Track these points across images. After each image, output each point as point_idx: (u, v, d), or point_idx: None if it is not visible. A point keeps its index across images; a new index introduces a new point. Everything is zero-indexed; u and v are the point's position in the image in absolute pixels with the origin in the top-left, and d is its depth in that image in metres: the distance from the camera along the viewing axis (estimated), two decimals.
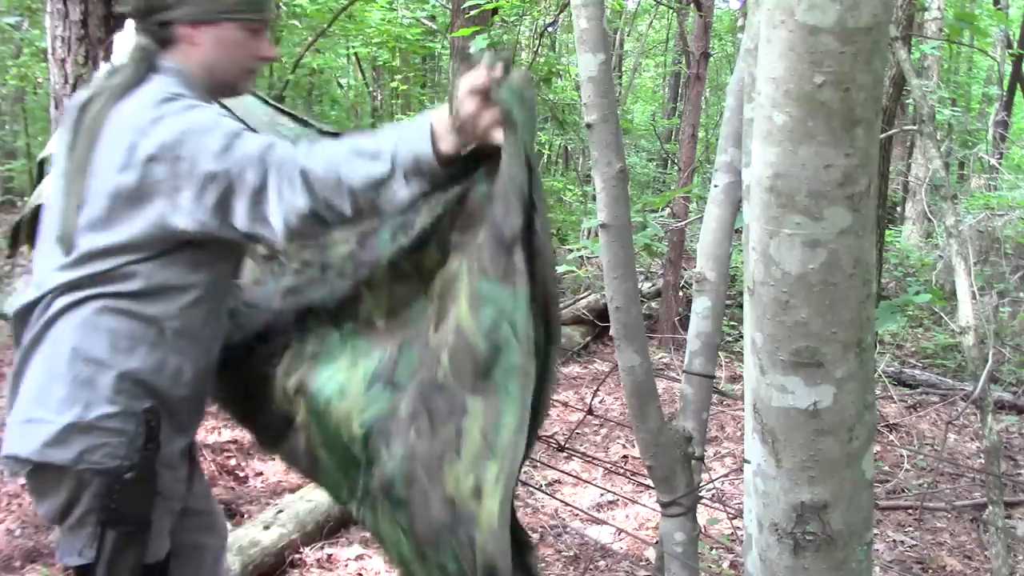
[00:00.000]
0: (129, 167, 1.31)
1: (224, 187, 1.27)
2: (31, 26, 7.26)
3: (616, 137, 1.02)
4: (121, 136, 1.33)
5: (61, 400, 1.33)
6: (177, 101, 1.34)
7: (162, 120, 1.31)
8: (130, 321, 1.36)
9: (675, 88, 14.73)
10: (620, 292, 1.05)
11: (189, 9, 1.40)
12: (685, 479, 1.19)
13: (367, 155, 1.24)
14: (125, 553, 1.37)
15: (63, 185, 1.39)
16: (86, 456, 1.32)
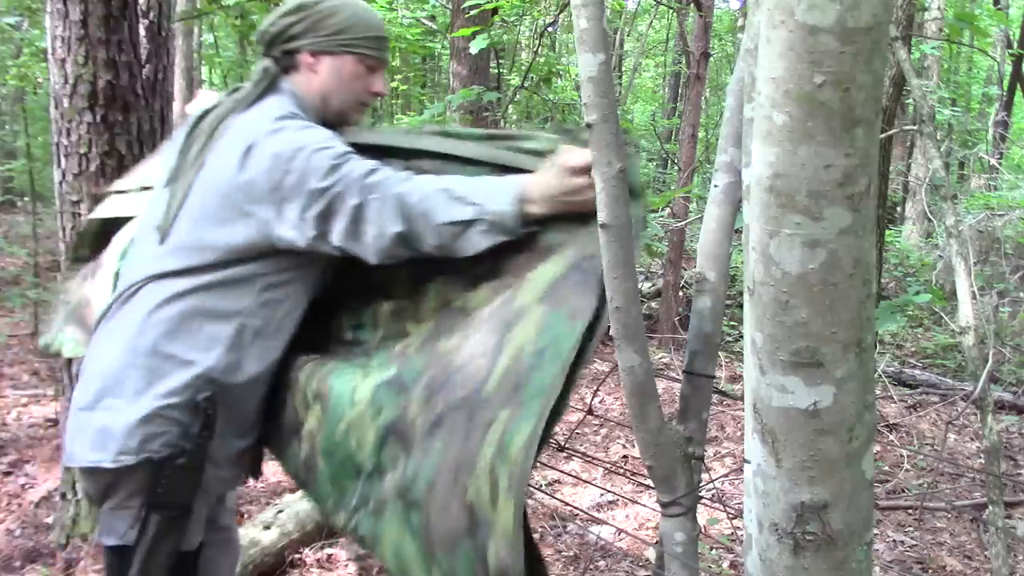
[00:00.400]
0: (242, 172, 1.40)
1: (327, 204, 1.36)
2: (31, 26, 7.25)
3: (616, 137, 1.02)
4: (238, 141, 1.43)
5: (135, 391, 1.39)
6: (295, 119, 1.45)
7: (279, 132, 1.41)
8: (214, 321, 1.43)
9: (675, 88, 14.72)
10: (620, 292, 1.05)
11: (313, 40, 1.53)
12: (685, 479, 1.19)
13: (458, 199, 1.33)
14: (166, 538, 1.41)
15: (171, 182, 1.50)
16: (146, 445, 1.37)
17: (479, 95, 4.32)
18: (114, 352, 1.44)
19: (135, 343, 1.42)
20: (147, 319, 1.43)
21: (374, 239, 1.36)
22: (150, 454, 1.38)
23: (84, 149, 2.67)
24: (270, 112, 1.47)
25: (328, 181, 1.36)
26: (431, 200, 1.34)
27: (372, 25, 1.57)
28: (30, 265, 7.01)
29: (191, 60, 8.49)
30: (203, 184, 1.45)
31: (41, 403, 4.30)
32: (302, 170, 1.37)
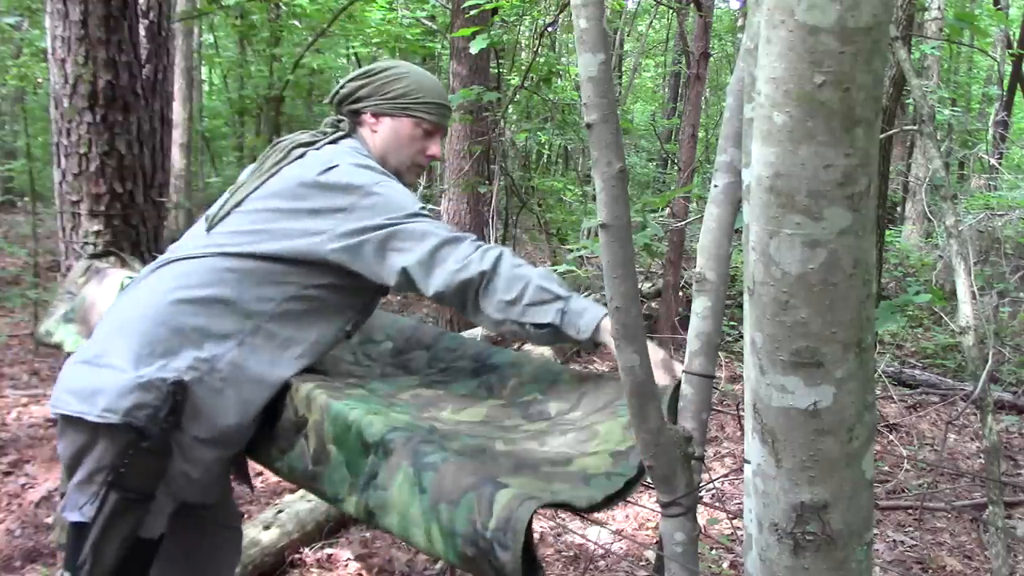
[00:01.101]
0: (320, 177, 1.53)
1: (397, 232, 1.49)
2: (31, 26, 7.26)
3: (616, 137, 1.02)
4: (321, 158, 1.57)
5: (138, 356, 1.44)
6: (377, 165, 1.63)
7: (363, 167, 1.56)
8: (234, 312, 1.49)
9: (675, 88, 14.72)
10: (620, 292, 1.05)
11: (376, 102, 1.69)
12: (685, 479, 1.19)
13: (551, 290, 1.45)
14: (123, 518, 1.43)
15: (233, 188, 1.62)
16: (133, 411, 1.40)
17: (479, 95, 4.32)
18: (132, 315, 1.49)
19: (155, 312, 1.48)
20: (173, 292, 1.50)
21: (448, 273, 1.45)
22: (133, 420, 1.40)
23: (84, 149, 2.67)
24: (352, 148, 1.64)
25: (407, 219, 1.50)
26: (530, 278, 1.46)
27: (433, 93, 1.72)
28: (30, 265, 7.01)
29: (191, 60, 8.50)
30: (273, 185, 1.56)
31: (41, 403, 4.30)
32: (381, 198, 1.51)
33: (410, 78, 1.71)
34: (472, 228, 6.31)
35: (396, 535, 1.28)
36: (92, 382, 1.43)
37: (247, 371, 1.49)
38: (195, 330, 1.47)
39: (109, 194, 2.69)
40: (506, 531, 1.09)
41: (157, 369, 1.43)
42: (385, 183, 1.56)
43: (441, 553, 1.19)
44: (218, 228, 1.57)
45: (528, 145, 10.49)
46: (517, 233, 10.01)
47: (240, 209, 1.58)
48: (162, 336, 1.46)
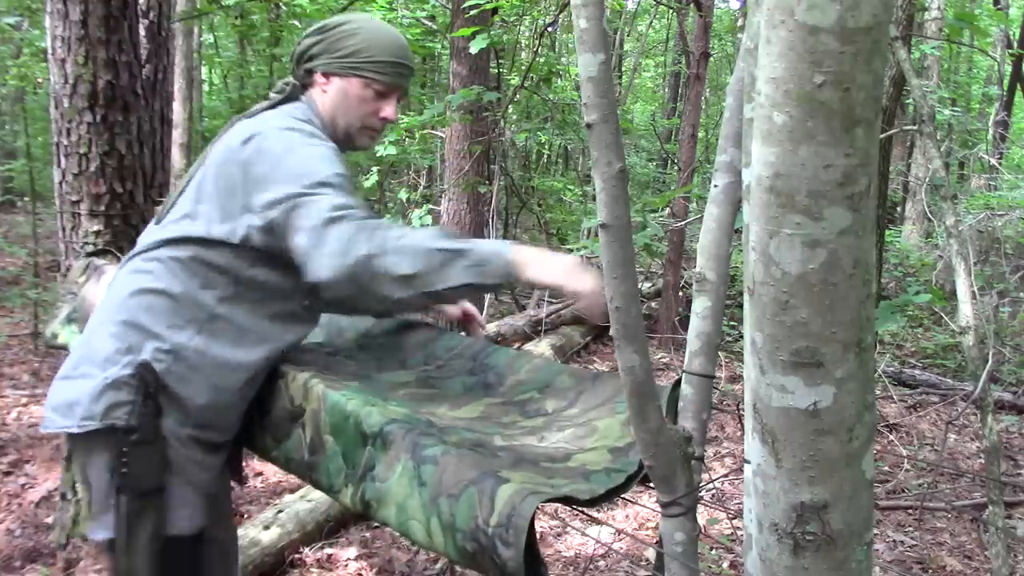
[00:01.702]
0: (239, 153, 1.45)
1: (295, 205, 1.37)
2: (31, 26, 7.25)
3: (616, 137, 1.02)
4: (244, 131, 1.48)
5: (105, 359, 1.43)
6: (308, 125, 1.52)
7: (287, 132, 1.46)
8: (185, 301, 1.47)
9: (675, 88, 14.73)
10: (620, 292, 1.05)
11: (326, 61, 1.58)
12: (685, 479, 1.19)
13: (447, 236, 1.37)
14: (141, 518, 1.41)
15: (187, 175, 1.57)
16: (110, 412, 1.40)
17: (479, 95, 4.32)
18: (97, 321, 1.49)
19: (114, 314, 1.47)
20: (128, 290, 1.48)
21: (336, 255, 1.32)
22: (114, 421, 1.39)
23: (84, 149, 2.67)
24: (286, 113, 1.54)
25: (310, 189, 1.37)
26: (417, 235, 1.36)
27: (387, 50, 1.58)
28: (30, 265, 7.01)
29: (191, 60, 8.49)
30: (207, 164, 1.51)
31: (41, 403, 4.30)
32: (289, 169, 1.40)
33: (362, 34, 1.57)
34: (472, 228, 6.31)
35: (393, 528, 1.27)
36: (69, 395, 1.43)
37: (211, 357, 1.48)
38: (153, 323, 1.46)
39: (109, 194, 2.69)
40: (508, 527, 1.09)
41: (122, 367, 1.42)
42: (304, 146, 1.44)
43: (440, 548, 1.18)
44: (167, 217, 1.53)
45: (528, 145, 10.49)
46: (517, 233, 10.02)
47: (184, 195, 1.53)
48: (123, 335, 1.45)
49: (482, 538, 1.11)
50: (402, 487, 1.26)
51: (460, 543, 1.15)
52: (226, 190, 1.46)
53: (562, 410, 1.51)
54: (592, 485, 1.23)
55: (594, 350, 6.29)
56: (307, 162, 1.41)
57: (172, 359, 1.45)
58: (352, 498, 1.36)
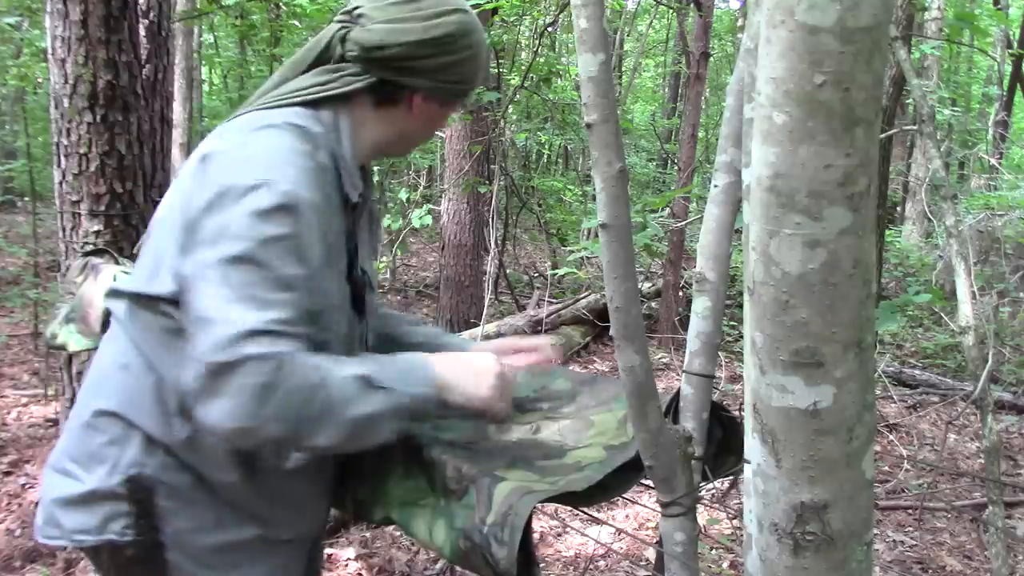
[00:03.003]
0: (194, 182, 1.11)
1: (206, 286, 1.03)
2: (31, 26, 7.25)
3: (616, 137, 1.02)
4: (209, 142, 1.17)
5: (91, 456, 1.16)
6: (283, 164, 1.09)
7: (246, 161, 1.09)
8: (159, 378, 1.15)
9: (675, 88, 14.73)
10: (620, 292, 1.05)
11: (434, 84, 1.22)
12: (685, 479, 1.19)
13: (372, 386, 1.08)
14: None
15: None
16: (108, 525, 1.14)
17: (479, 95, 4.31)
18: (79, 402, 1.21)
19: (89, 395, 1.19)
20: (102, 364, 1.20)
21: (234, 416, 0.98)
22: (113, 536, 1.13)
23: (84, 149, 2.67)
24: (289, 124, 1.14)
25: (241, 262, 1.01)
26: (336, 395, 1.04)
27: (483, 73, 1.29)
28: (30, 265, 7.01)
29: (191, 60, 8.50)
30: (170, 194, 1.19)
31: (41, 403, 4.30)
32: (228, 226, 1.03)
33: (482, 56, 1.25)
34: (472, 228, 6.32)
35: (398, 523, 1.26)
36: (54, 496, 1.17)
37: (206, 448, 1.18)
38: (135, 412, 1.16)
39: (109, 194, 2.69)
40: (504, 526, 1.09)
41: (110, 471, 1.15)
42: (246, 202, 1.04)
43: (439, 546, 1.18)
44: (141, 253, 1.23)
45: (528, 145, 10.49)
46: (517, 233, 10.02)
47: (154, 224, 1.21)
48: (104, 426, 1.17)
49: (476, 536, 1.11)
50: (407, 490, 1.26)
51: (455, 541, 1.15)
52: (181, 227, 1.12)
53: (558, 407, 1.51)
54: (587, 473, 1.23)
55: (594, 350, 6.29)
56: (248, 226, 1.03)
57: (163, 453, 1.15)
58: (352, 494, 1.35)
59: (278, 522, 1.23)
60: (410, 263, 9.51)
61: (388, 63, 1.19)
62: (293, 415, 1.01)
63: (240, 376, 0.98)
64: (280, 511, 1.23)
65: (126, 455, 1.14)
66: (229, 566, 1.19)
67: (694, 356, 1.25)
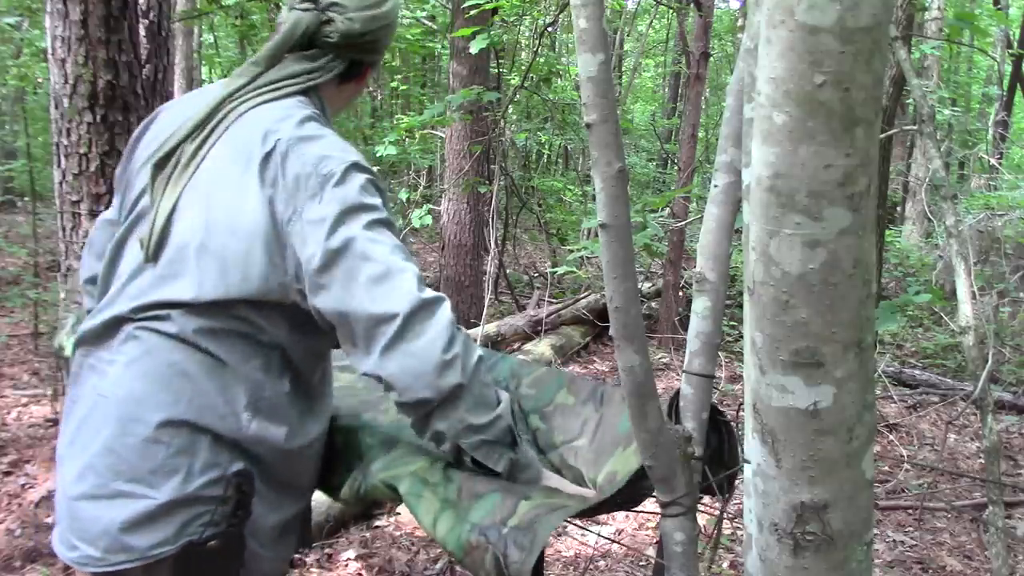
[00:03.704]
0: (267, 185, 1.19)
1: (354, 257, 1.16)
2: (31, 26, 7.26)
3: (616, 137, 1.02)
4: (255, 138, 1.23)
5: (154, 470, 1.14)
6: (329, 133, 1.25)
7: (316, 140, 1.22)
8: (231, 377, 1.19)
9: (675, 88, 14.73)
10: (620, 292, 1.05)
11: (375, 55, 1.37)
12: (685, 479, 1.19)
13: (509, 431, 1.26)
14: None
15: (156, 172, 1.27)
16: (186, 530, 1.15)
17: (479, 95, 4.32)
18: (111, 421, 1.16)
19: (140, 411, 1.15)
20: (149, 377, 1.17)
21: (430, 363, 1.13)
22: (191, 537, 1.14)
23: (84, 149, 2.67)
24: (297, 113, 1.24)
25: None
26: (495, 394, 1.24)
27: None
28: (30, 265, 7.01)
29: (191, 60, 8.49)
30: (206, 188, 1.19)
31: (41, 403, 4.30)
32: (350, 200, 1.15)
33: (395, 19, 1.37)
34: (472, 228, 6.32)
35: (402, 495, 1.23)
36: (108, 520, 1.14)
37: (275, 436, 1.28)
38: (199, 415, 1.18)
39: (109, 194, 2.69)
40: (528, 531, 1.07)
41: (184, 478, 1.16)
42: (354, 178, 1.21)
43: (441, 536, 1.15)
44: (166, 256, 1.22)
45: (528, 145, 10.49)
46: (517, 233, 10.02)
47: (181, 224, 1.22)
48: (167, 438, 1.16)
49: (491, 534, 1.09)
50: (424, 471, 1.25)
51: (464, 535, 1.12)
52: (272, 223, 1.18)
53: (570, 441, 1.49)
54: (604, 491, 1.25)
55: (594, 350, 6.29)
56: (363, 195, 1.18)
57: (234, 451, 1.19)
58: (353, 481, 1.33)
59: (303, 495, 1.36)
60: None
61: (363, 47, 1.33)
62: (470, 364, 1.17)
63: (439, 311, 1.14)
64: (306, 482, 1.34)
65: (198, 460, 1.16)
66: (280, 543, 1.30)
67: (694, 356, 1.25)
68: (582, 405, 1.52)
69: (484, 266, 6.29)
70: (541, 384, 1.59)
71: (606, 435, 1.44)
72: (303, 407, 1.27)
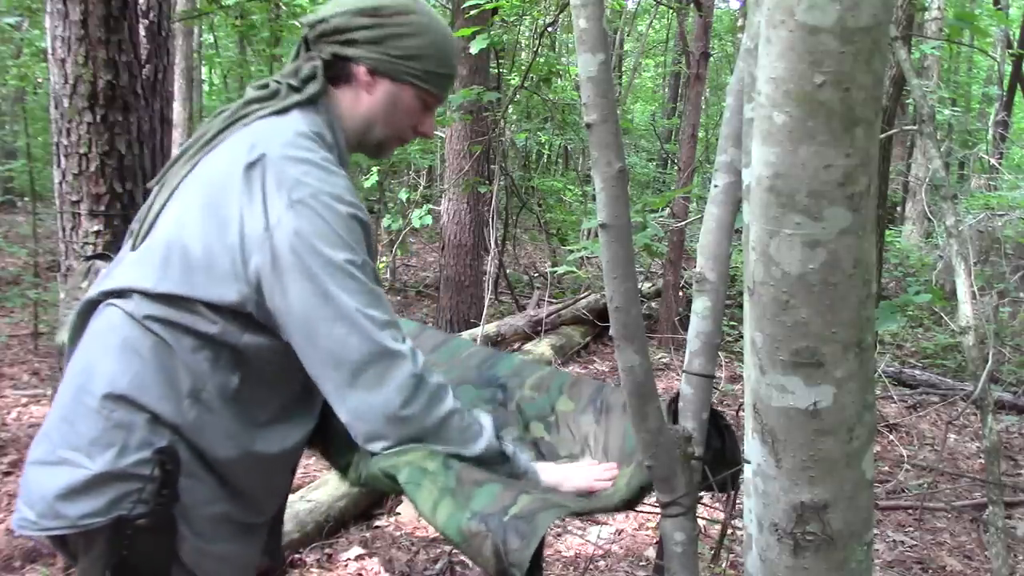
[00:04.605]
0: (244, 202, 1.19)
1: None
2: (31, 26, 7.26)
3: (616, 137, 1.02)
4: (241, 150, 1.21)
5: (94, 441, 1.17)
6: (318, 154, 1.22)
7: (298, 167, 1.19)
8: (178, 366, 1.20)
9: (675, 88, 14.74)
10: (620, 292, 1.05)
11: (379, 56, 1.30)
12: (685, 479, 1.19)
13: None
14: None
15: (160, 179, 1.31)
16: (117, 504, 1.16)
17: (479, 95, 4.32)
18: (69, 391, 1.21)
19: (90, 382, 1.19)
20: (104, 350, 1.20)
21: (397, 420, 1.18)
22: (121, 512, 1.16)
23: (84, 149, 2.67)
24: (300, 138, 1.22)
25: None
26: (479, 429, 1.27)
27: (449, 61, 1.36)
28: (30, 265, 7.01)
29: (191, 60, 8.50)
30: (193, 188, 1.23)
31: (41, 403, 4.30)
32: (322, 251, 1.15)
33: (430, 36, 1.31)
34: (472, 228, 6.32)
35: (401, 485, 1.22)
36: (49, 487, 1.17)
37: (211, 437, 1.27)
38: (142, 394, 1.20)
39: (109, 194, 2.69)
40: (529, 520, 1.07)
41: (118, 453, 1.17)
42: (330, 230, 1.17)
43: (441, 523, 1.14)
44: (146, 244, 1.24)
45: (528, 145, 10.49)
46: (517, 233, 10.02)
47: (167, 219, 1.24)
48: (109, 411, 1.18)
49: (492, 522, 1.09)
50: (423, 459, 1.25)
51: (465, 522, 1.11)
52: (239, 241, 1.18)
53: (574, 456, 1.49)
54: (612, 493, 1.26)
55: (594, 350, 6.29)
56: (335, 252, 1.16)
57: (171, 435, 1.19)
58: (355, 467, 1.32)
59: (259, 505, 1.32)
60: (410, 263, 9.51)
61: (331, 36, 1.29)
62: (432, 419, 1.19)
63: (399, 365, 1.16)
64: (261, 493, 1.31)
65: (134, 436, 1.17)
66: (217, 537, 1.26)
67: (694, 356, 1.25)
68: (581, 413, 1.52)
69: (484, 266, 6.29)
70: (543, 387, 1.59)
71: (611, 454, 1.44)
72: (263, 413, 1.26)
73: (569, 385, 1.58)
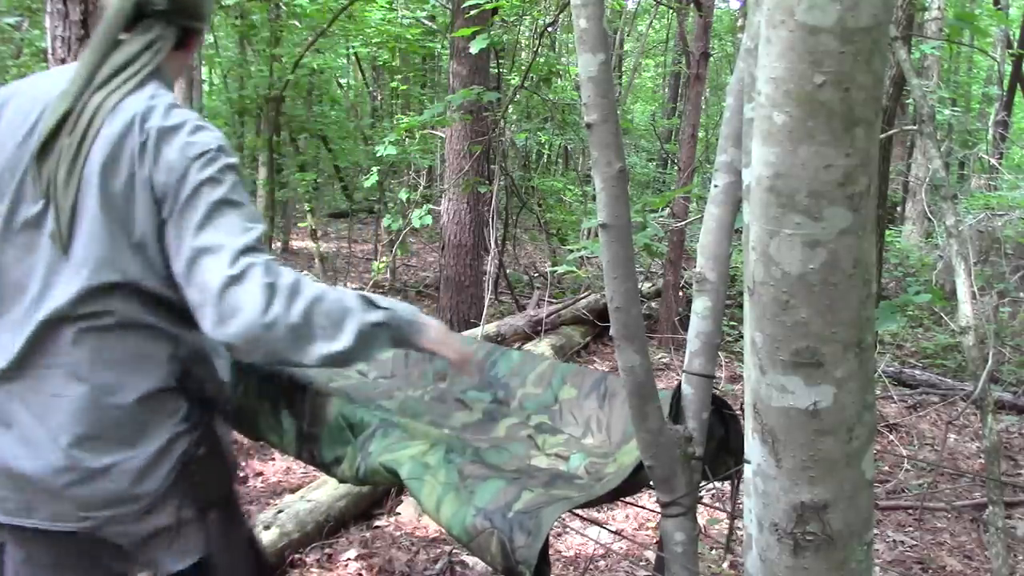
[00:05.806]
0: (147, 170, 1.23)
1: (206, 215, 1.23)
2: (31, 26, 7.26)
3: (616, 137, 1.02)
4: (132, 132, 1.24)
5: (131, 440, 1.23)
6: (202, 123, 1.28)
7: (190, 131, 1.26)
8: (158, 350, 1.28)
9: (675, 88, 14.73)
10: (620, 292, 1.05)
11: (201, 23, 1.39)
12: (685, 479, 1.19)
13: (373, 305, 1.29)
14: (232, 529, 1.33)
15: (40, 164, 1.29)
16: (175, 449, 1.25)
17: (479, 95, 4.32)
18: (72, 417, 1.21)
19: (102, 399, 1.22)
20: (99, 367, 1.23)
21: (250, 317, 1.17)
22: (183, 457, 1.26)
23: None
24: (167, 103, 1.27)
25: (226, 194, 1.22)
26: (339, 302, 1.25)
27: None
28: None
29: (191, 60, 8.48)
30: (96, 181, 1.22)
31: None
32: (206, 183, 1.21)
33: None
34: (472, 228, 6.32)
35: (403, 480, 1.23)
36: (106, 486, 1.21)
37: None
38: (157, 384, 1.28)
39: None
40: (534, 516, 1.08)
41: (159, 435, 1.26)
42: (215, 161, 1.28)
43: (446, 520, 1.15)
44: (80, 246, 1.23)
45: (528, 145, 10.50)
46: (517, 233, 10.02)
47: (88, 217, 1.24)
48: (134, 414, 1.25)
49: (497, 519, 1.09)
50: (424, 455, 1.25)
51: (469, 519, 1.12)
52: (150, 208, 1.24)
53: (577, 439, 1.50)
54: (608, 480, 1.26)
55: (594, 350, 6.29)
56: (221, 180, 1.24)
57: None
58: (352, 461, 1.35)
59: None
60: (410, 263, 9.51)
61: (190, 11, 1.35)
62: (301, 317, 1.18)
63: (247, 277, 1.17)
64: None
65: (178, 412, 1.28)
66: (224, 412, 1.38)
67: (694, 356, 1.25)
68: (585, 398, 1.53)
69: (484, 266, 6.29)
70: (544, 382, 1.60)
71: (614, 435, 1.45)
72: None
73: (572, 374, 1.60)
